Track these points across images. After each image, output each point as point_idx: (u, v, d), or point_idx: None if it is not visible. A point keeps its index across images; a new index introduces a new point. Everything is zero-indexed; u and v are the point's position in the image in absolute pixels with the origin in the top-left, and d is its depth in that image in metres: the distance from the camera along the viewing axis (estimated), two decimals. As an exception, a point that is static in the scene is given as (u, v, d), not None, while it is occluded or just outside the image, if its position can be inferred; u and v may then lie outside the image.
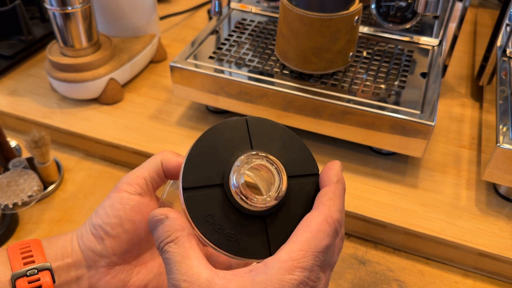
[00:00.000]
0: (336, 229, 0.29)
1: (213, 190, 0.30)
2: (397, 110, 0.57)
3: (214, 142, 0.31)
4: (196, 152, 0.31)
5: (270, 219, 0.30)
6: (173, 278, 0.28)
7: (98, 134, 0.67)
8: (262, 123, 0.33)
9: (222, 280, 0.27)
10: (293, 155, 0.32)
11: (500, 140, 0.54)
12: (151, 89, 0.76)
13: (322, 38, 0.58)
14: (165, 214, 0.30)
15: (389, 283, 0.53)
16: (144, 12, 0.77)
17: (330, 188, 0.31)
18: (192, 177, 0.30)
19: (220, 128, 0.32)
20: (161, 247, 0.30)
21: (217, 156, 0.31)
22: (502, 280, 0.54)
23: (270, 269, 0.27)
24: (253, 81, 0.61)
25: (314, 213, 0.29)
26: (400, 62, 0.67)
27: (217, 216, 0.29)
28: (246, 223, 0.30)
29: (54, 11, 0.65)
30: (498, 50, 0.69)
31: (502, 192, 0.59)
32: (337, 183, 0.31)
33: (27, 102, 0.73)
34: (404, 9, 0.67)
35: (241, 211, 0.30)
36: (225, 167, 0.30)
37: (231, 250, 0.29)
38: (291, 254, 0.27)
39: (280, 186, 0.30)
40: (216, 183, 0.30)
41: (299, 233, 0.29)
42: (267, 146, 0.32)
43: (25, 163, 0.61)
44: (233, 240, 0.29)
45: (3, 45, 0.81)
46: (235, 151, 0.31)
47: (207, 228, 0.29)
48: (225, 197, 0.30)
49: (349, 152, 0.64)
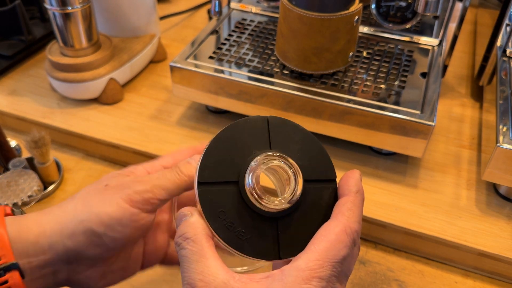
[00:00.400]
0: (354, 240, 0.29)
1: (228, 187, 0.30)
2: (397, 110, 0.57)
3: (233, 139, 0.31)
4: (214, 148, 0.31)
5: (282, 221, 0.30)
6: (189, 276, 0.28)
7: (98, 134, 0.67)
8: (283, 124, 0.32)
9: (238, 283, 0.27)
10: (311, 159, 0.32)
11: (500, 140, 0.54)
12: (151, 89, 0.76)
13: (322, 38, 0.58)
14: (191, 212, 0.30)
15: (389, 283, 0.53)
16: (144, 12, 0.77)
17: (350, 198, 0.30)
18: (208, 172, 0.30)
19: (240, 125, 0.32)
20: (179, 242, 0.29)
21: (235, 154, 0.31)
22: (502, 280, 0.54)
23: (287, 277, 0.27)
24: (253, 81, 0.61)
25: (333, 222, 0.29)
26: (400, 62, 0.67)
27: (229, 213, 0.29)
28: (258, 223, 0.30)
29: (54, 11, 0.65)
30: (498, 50, 0.69)
31: (502, 192, 0.59)
32: (357, 193, 0.31)
33: (27, 102, 0.73)
34: (404, 9, 0.67)
35: (254, 210, 0.30)
36: (242, 165, 0.30)
37: (240, 248, 0.29)
38: (308, 263, 0.27)
39: (296, 190, 0.29)
40: (232, 180, 0.30)
41: (317, 242, 0.28)
42: (286, 148, 0.32)
43: (25, 163, 0.61)
44: (243, 238, 0.29)
45: (3, 45, 0.80)
46: (254, 150, 0.31)
47: (219, 224, 0.29)
48: (239, 195, 0.30)
49: (349, 152, 0.64)
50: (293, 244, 0.30)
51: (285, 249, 0.30)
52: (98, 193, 0.35)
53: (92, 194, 0.35)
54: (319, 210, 0.31)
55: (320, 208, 0.31)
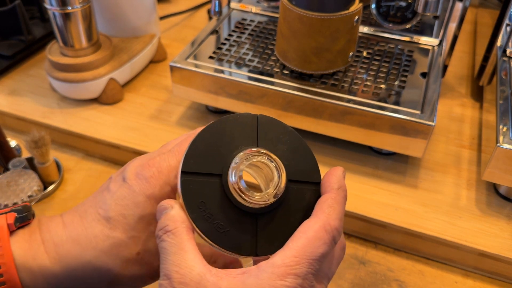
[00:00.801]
0: (334, 237, 0.28)
1: (211, 179, 0.30)
2: (397, 110, 0.57)
3: (221, 133, 0.31)
4: (201, 139, 0.31)
5: (263, 218, 0.30)
6: (166, 268, 0.28)
7: (98, 134, 0.67)
8: (272, 124, 0.33)
9: (213, 277, 0.27)
10: (297, 161, 0.32)
11: (500, 140, 0.54)
12: (151, 89, 0.76)
13: (322, 38, 0.58)
14: (171, 205, 0.30)
15: (389, 283, 0.53)
16: (144, 12, 0.77)
17: (331, 194, 0.30)
18: (192, 162, 0.30)
19: (230, 120, 0.32)
20: (160, 235, 0.29)
21: (221, 147, 0.31)
22: (502, 280, 0.54)
23: (262, 273, 0.27)
24: (253, 81, 0.61)
25: (312, 219, 0.29)
26: (400, 62, 0.67)
27: (209, 205, 0.29)
28: (238, 217, 0.30)
29: (54, 11, 0.65)
30: (498, 50, 0.69)
31: (502, 192, 0.59)
32: (338, 189, 0.30)
33: (27, 102, 0.73)
34: (404, 9, 0.67)
35: (235, 205, 0.30)
36: (227, 159, 0.30)
37: (217, 240, 0.29)
38: (285, 260, 0.27)
39: (279, 185, 0.29)
40: (215, 172, 0.30)
41: (295, 239, 0.28)
42: (273, 147, 0.32)
43: (25, 163, 0.61)
44: (221, 231, 0.29)
45: (3, 45, 0.80)
46: (240, 145, 0.31)
47: (198, 214, 0.29)
48: (222, 188, 0.30)
49: (349, 152, 0.64)
50: (271, 242, 0.30)
51: (263, 246, 0.30)
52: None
53: None
54: (300, 211, 0.31)
55: (301, 209, 0.31)
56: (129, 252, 0.32)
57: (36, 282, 0.32)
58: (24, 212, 0.33)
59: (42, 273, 0.32)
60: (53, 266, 0.32)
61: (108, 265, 0.32)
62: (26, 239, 0.32)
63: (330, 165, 0.62)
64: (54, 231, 0.33)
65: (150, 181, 0.32)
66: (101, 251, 0.32)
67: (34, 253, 0.32)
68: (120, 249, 0.32)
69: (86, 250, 0.32)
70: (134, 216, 0.32)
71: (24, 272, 0.31)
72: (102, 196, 0.33)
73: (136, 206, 0.32)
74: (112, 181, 0.34)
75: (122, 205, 0.32)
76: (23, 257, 0.31)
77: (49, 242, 0.32)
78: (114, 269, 0.32)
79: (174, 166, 0.32)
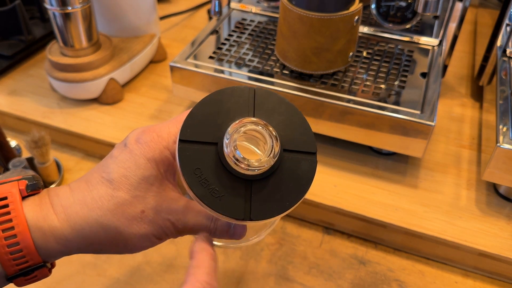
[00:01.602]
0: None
1: (207, 147, 0.31)
2: (397, 110, 0.57)
3: (218, 104, 0.32)
4: (199, 110, 0.32)
5: (257, 184, 0.31)
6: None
7: (98, 134, 0.67)
8: (269, 96, 0.33)
9: None
10: (294, 131, 0.33)
11: (500, 140, 0.54)
12: (151, 89, 0.76)
13: (322, 38, 0.58)
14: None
15: (389, 283, 0.53)
16: (144, 12, 0.77)
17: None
18: (190, 131, 0.31)
19: (227, 92, 0.33)
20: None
21: (218, 117, 0.32)
22: (502, 280, 0.54)
23: None
24: (253, 81, 0.61)
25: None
26: (400, 62, 0.67)
27: (205, 171, 0.30)
28: (233, 183, 0.31)
29: (54, 11, 0.65)
30: (498, 50, 0.69)
31: (502, 192, 0.59)
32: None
33: (27, 102, 0.73)
34: (404, 9, 0.67)
35: (230, 171, 0.30)
36: (223, 128, 0.31)
37: (212, 204, 0.30)
38: None
39: (272, 151, 0.30)
40: (212, 141, 0.31)
41: None
42: (269, 118, 0.32)
43: (25, 163, 0.61)
44: (216, 196, 0.30)
45: (3, 45, 0.80)
46: (237, 116, 0.32)
47: (193, 179, 0.30)
48: (217, 156, 0.31)
49: (349, 152, 0.64)
50: (265, 208, 0.31)
51: (256, 211, 0.30)
52: None
53: None
54: (295, 179, 0.32)
55: (296, 177, 0.32)
56: (134, 210, 0.33)
57: (47, 243, 0.33)
58: (34, 180, 0.35)
59: (53, 234, 0.33)
60: (63, 226, 0.33)
61: (114, 223, 0.33)
62: (37, 203, 0.34)
63: (330, 165, 0.62)
64: (62, 195, 0.34)
65: (150, 144, 0.33)
66: (107, 210, 0.33)
67: (45, 215, 0.33)
68: (124, 207, 0.33)
69: (93, 210, 0.33)
70: (136, 176, 0.33)
71: (37, 233, 0.33)
72: (105, 162, 0.35)
73: (137, 168, 0.33)
74: (115, 148, 0.35)
75: (124, 167, 0.33)
76: (34, 219, 0.33)
77: (57, 205, 0.33)
78: (120, 227, 0.33)
79: (174, 132, 0.34)
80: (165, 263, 0.55)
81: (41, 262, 0.33)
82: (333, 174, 0.61)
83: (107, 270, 0.54)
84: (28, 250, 0.32)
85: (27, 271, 0.33)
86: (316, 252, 0.56)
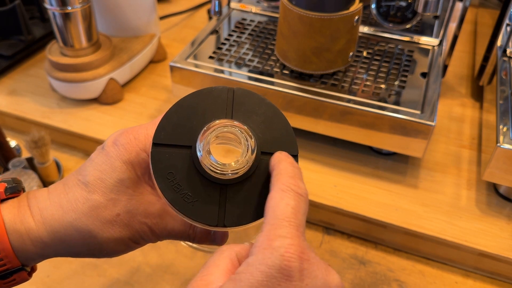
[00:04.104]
0: (295, 192, 0.28)
1: (180, 151, 0.30)
2: (397, 110, 0.57)
3: (194, 106, 0.31)
4: (174, 112, 0.31)
5: (232, 190, 0.30)
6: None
7: (98, 134, 0.67)
8: (249, 96, 0.32)
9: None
10: (273, 133, 0.31)
11: (500, 140, 0.54)
12: (151, 89, 0.76)
13: (322, 38, 0.58)
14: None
15: (389, 283, 0.53)
16: (144, 12, 0.77)
17: (277, 166, 0.30)
18: (163, 134, 0.30)
19: (204, 93, 0.32)
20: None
21: (193, 120, 0.31)
22: (502, 280, 0.54)
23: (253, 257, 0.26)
24: (253, 81, 0.61)
25: (272, 190, 0.28)
26: (400, 62, 0.67)
27: (178, 175, 0.30)
28: (207, 188, 0.30)
29: (54, 11, 0.65)
30: (498, 50, 0.69)
31: (502, 192, 0.59)
32: (280, 162, 0.30)
33: (27, 102, 0.73)
34: (404, 9, 0.67)
35: (203, 176, 0.30)
36: (197, 131, 0.30)
37: (184, 210, 0.29)
38: (269, 234, 0.26)
39: (247, 156, 0.29)
40: (186, 144, 0.30)
41: (268, 212, 0.27)
42: (248, 119, 0.31)
43: (25, 163, 0.61)
44: (189, 201, 0.29)
45: (3, 45, 0.80)
46: (213, 118, 0.31)
47: (166, 184, 0.29)
48: (191, 160, 0.30)
49: (349, 152, 0.64)
50: (239, 214, 0.30)
51: (231, 217, 0.30)
52: None
53: None
54: (269, 181, 0.30)
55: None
56: (109, 214, 0.33)
57: (25, 246, 0.33)
58: (14, 183, 0.35)
59: (29, 236, 0.33)
60: (39, 229, 0.33)
61: (88, 227, 0.33)
62: (15, 206, 0.33)
63: (330, 165, 0.62)
64: (40, 198, 0.34)
65: (126, 147, 0.33)
66: (81, 213, 0.32)
67: (22, 217, 0.33)
68: (99, 210, 0.33)
69: (67, 213, 0.33)
70: (111, 179, 0.33)
71: (14, 235, 0.32)
72: (84, 165, 0.34)
73: (113, 171, 0.33)
74: (94, 152, 0.35)
75: (100, 170, 0.33)
76: (12, 221, 0.33)
77: (34, 207, 0.33)
78: (94, 230, 0.33)
79: (151, 134, 0.33)
80: (165, 263, 0.55)
81: (19, 265, 0.33)
82: (333, 174, 0.61)
83: (107, 270, 0.54)
84: (5, 253, 0.32)
85: (5, 274, 0.32)
86: (316, 252, 0.56)
